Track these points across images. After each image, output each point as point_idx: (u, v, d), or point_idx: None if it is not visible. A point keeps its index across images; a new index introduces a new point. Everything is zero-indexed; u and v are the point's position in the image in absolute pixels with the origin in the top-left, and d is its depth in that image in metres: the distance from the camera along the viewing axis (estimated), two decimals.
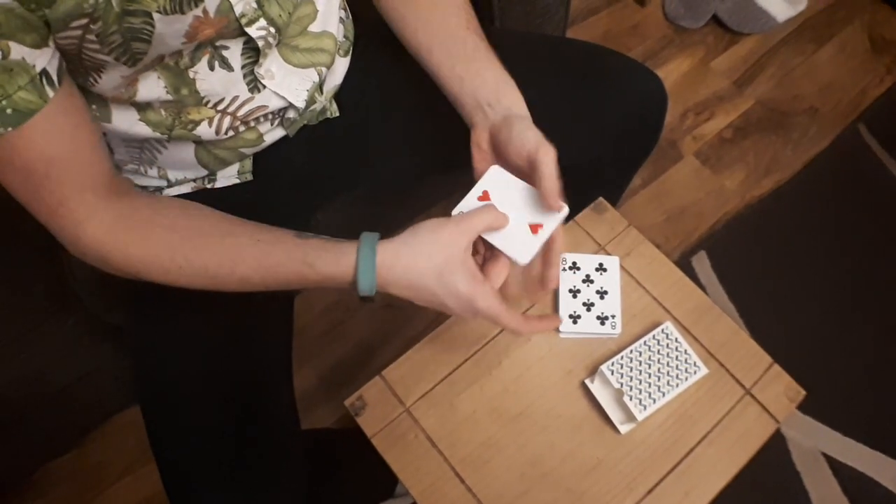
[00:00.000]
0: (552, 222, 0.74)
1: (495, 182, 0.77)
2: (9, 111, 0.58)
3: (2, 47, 0.55)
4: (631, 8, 2.07)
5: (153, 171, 0.87)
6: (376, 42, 0.95)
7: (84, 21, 0.60)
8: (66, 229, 0.68)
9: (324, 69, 0.87)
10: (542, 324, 0.81)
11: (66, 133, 0.65)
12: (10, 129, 0.59)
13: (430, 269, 0.68)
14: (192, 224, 0.73)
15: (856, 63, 1.98)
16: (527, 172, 0.74)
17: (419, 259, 0.68)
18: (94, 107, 0.75)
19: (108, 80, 0.70)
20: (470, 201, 0.76)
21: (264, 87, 0.81)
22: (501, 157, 0.77)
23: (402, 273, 0.68)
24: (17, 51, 0.57)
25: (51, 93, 0.61)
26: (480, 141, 0.79)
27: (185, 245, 0.71)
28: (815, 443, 1.41)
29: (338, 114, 0.95)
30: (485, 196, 0.76)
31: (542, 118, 0.76)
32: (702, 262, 1.62)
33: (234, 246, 0.71)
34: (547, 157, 0.71)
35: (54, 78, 0.61)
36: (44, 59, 0.60)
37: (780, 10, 1.98)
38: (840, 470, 1.39)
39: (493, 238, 0.73)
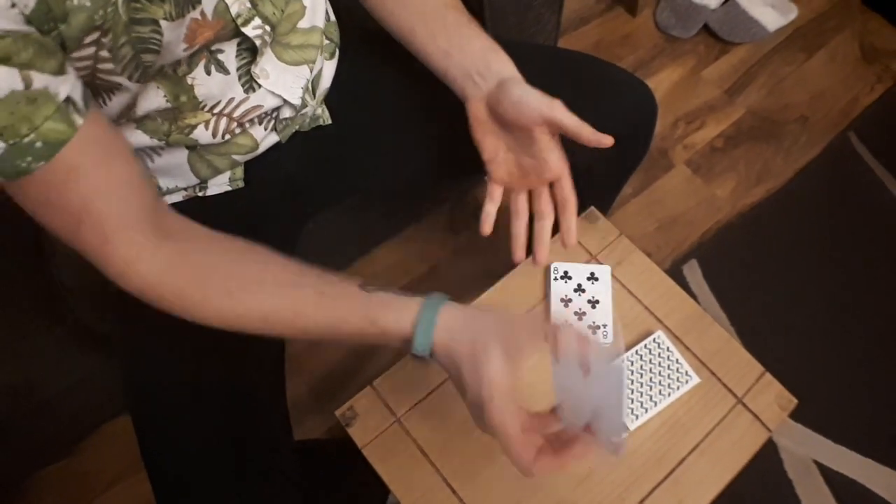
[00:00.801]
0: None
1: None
2: (38, 144, 0.55)
3: (24, 77, 0.52)
4: (622, 18, 2.07)
5: None
6: (366, 50, 0.95)
7: (96, 35, 0.59)
8: (116, 267, 0.65)
9: (313, 65, 0.87)
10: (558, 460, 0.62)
11: (101, 163, 0.61)
12: (42, 162, 0.56)
13: (493, 329, 0.63)
14: (251, 271, 0.70)
15: (846, 72, 1.99)
16: (533, 132, 0.76)
17: (485, 319, 0.65)
18: None
19: (118, 102, 0.70)
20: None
21: (259, 86, 0.82)
22: (504, 123, 0.78)
23: (463, 324, 0.65)
24: (40, 80, 0.53)
25: (79, 120, 0.57)
26: (477, 112, 0.79)
27: (243, 294, 0.68)
28: (807, 451, 1.41)
29: (330, 121, 0.95)
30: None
31: None
32: (693, 271, 1.62)
33: (297, 297, 0.69)
34: (562, 110, 0.74)
35: (80, 104, 0.58)
36: (67, 85, 0.56)
37: (771, 20, 1.99)
38: (832, 477, 1.39)
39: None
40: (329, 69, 0.94)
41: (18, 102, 0.52)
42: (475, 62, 0.78)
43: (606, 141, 0.75)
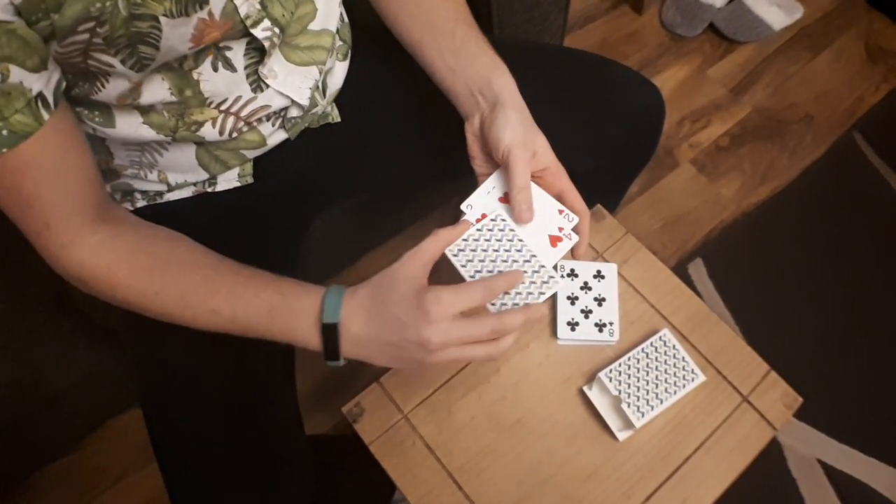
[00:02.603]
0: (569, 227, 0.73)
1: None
2: (4, 133, 0.58)
3: (1, 70, 0.55)
4: (628, 16, 2.08)
5: (153, 175, 0.87)
6: (377, 50, 0.95)
7: (91, 24, 0.60)
8: (50, 250, 0.68)
9: (323, 66, 0.87)
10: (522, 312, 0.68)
11: (58, 156, 0.65)
12: (4, 149, 0.59)
13: (388, 289, 0.68)
14: (175, 254, 0.73)
15: (852, 71, 2.00)
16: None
17: (379, 285, 0.69)
18: (96, 113, 0.75)
19: (115, 87, 0.70)
20: (488, 199, 0.74)
21: (267, 86, 0.82)
22: (487, 149, 0.77)
23: (364, 297, 0.68)
24: (16, 74, 0.57)
25: (46, 115, 0.61)
26: (476, 130, 0.78)
27: (165, 272, 0.71)
28: (810, 450, 1.41)
29: (339, 119, 0.95)
30: (506, 199, 0.74)
31: (541, 127, 0.76)
32: (698, 270, 1.62)
33: (213, 277, 0.71)
34: (518, 162, 0.71)
35: (50, 101, 0.61)
36: (41, 82, 0.60)
37: (777, 19, 1.99)
38: (835, 476, 1.39)
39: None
40: (341, 69, 0.94)
41: None
42: (478, 81, 0.78)
43: (522, 218, 0.72)
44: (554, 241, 0.73)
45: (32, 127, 0.60)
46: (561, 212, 0.75)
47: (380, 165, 1.01)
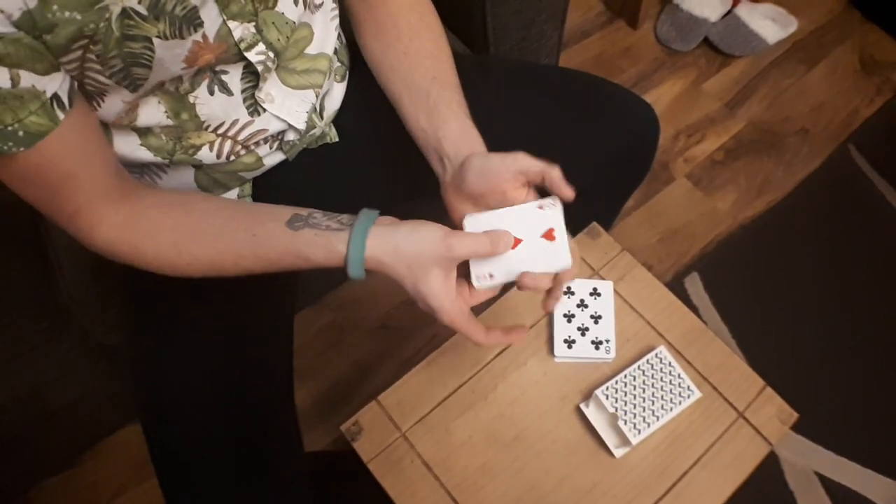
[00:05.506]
0: (555, 218, 0.71)
1: (479, 227, 0.72)
2: (21, 133, 0.60)
3: (12, 76, 0.57)
4: (623, 31, 2.09)
5: None
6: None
7: (84, 42, 0.61)
8: (83, 232, 0.72)
9: (319, 90, 0.88)
10: (505, 337, 0.73)
11: (79, 150, 0.67)
12: (22, 148, 0.61)
13: (425, 251, 0.67)
14: (193, 222, 0.74)
15: (846, 84, 2.01)
16: (507, 193, 0.73)
17: (412, 243, 0.68)
18: None
19: (111, 106, 0.71)
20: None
21: (264, 110, 0.82)
22: (476, 197, 0.74)
23: (393, 255, 0.68)
24: (28, 78, 0.58)
25: (61, 115, 0.63)
26: (446, 195, 0.77)
27: (189, 244, 0.73)
28: (808, 462, 1.42)
29: (337, 139, 0.96)
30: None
31: (535, 148, 0.77)
32: (694, 284, 1.63)
33: (233, 242, 0.73)
34: (525, 159, 0.70)
35: (65, 100, 0.63)
36: (54, 84, 0.61)
37: (771, 33, 2.00)
38: (833, 488, 1.40)
39: (526, 267, 0.71)
40: (339, 90, 0.95)
41: (6, 98, 0.57)
42: (447, 146, 0.77)
43: (568, 193, 0.70)
44: (549, 234, 0.71)
45: (48, 126, 0.62)
46: (541, 207, 0.72)
47: (379, 183, 1.02)
